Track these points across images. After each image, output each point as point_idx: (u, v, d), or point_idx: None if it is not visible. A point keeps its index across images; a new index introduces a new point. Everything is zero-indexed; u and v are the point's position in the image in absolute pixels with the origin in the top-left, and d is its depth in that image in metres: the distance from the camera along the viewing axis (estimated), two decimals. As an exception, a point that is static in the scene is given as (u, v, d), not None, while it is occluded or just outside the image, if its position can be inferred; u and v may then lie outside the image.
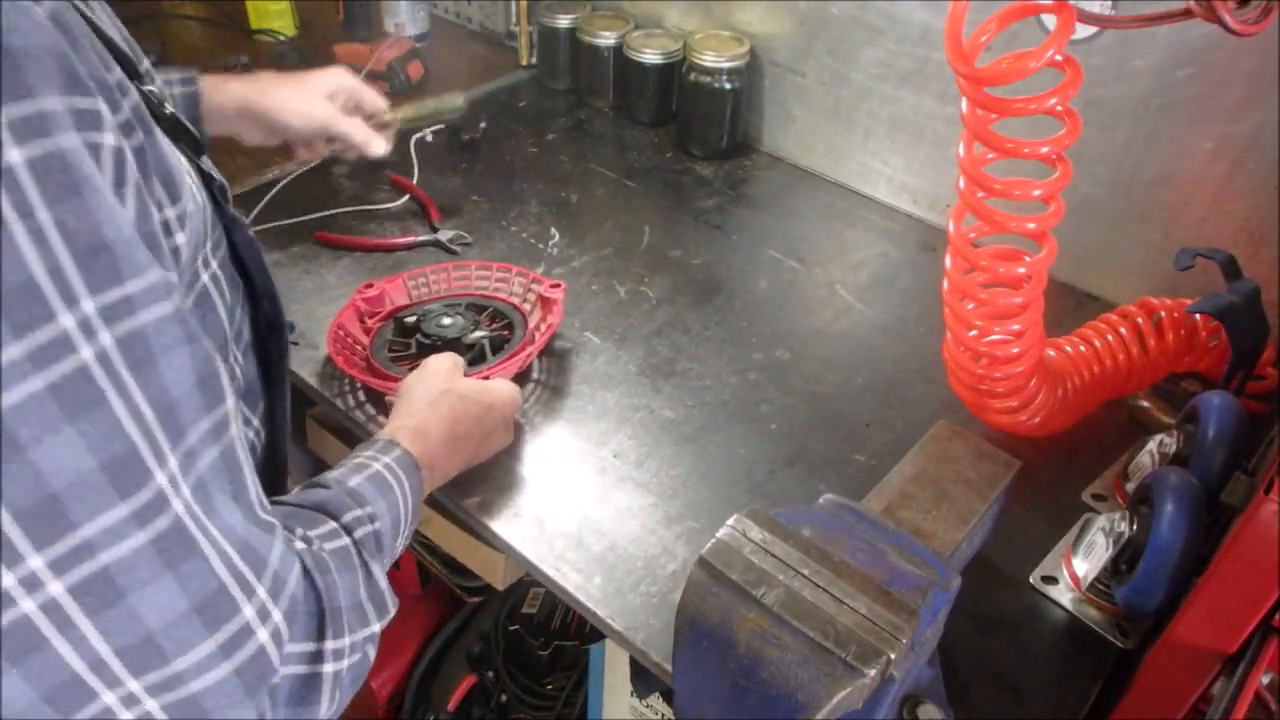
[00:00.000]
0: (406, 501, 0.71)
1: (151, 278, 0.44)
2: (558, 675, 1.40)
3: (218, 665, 0.47)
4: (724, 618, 0.63)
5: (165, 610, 0.45)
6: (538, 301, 1.08)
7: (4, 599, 0.42)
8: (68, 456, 0.41)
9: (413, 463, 0.75)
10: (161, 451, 0.45)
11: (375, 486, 0.69)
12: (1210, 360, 1.00)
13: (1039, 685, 0.79)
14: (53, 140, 0.40)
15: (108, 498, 0.42)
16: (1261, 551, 0.59)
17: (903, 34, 1.22)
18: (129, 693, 0.46)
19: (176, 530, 0.45)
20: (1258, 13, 0.59)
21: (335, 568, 0.58)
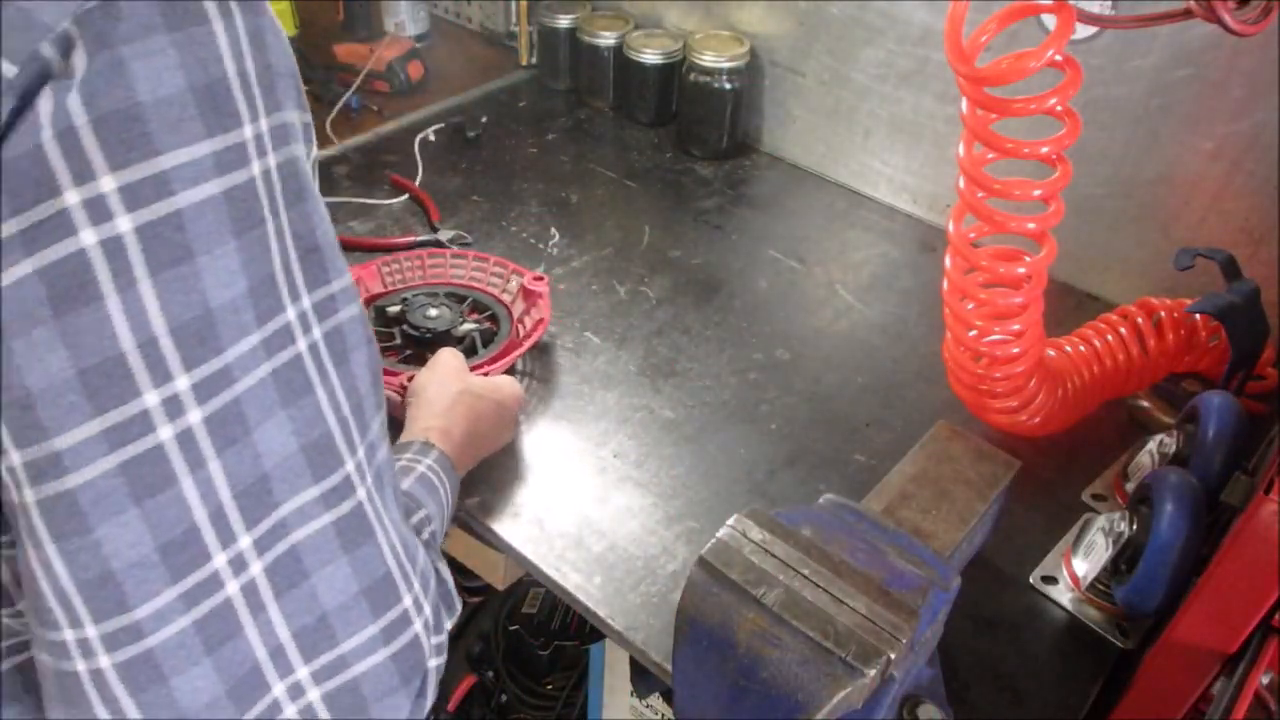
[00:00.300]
0: (449, 501, 0.74)
1: (346, 280, 0.48)
2: (558, 675, 1.40)
3: (379, 649, 0.49)
4: (724, 618, 0.63)
5: (340, 592, 0.47)
6: (519, 293, 1.08)
7: (214, 582, 0.43)
8: (278, 438, 0.44)
9: (450, 463, 0.77)
10: (352, 440, 0.47)
11: (424, 488, 0.71)
12: (1210, 360, 1.00)
13: (1039, 685, 0.79)
14: (290, 149, 0.44)
15: (304, 479, 0.45)
16: (1261, 551, 0.59)
17: (903, 34, 1.22)
18: (296, 681, 0.47)
19: (357, 515, 0.47)
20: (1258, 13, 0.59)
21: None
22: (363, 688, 0.49)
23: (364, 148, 1.40)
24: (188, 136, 0.39)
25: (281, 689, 0.46)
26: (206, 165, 0.39)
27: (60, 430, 0.39)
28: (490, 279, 1.11)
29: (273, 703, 0.46)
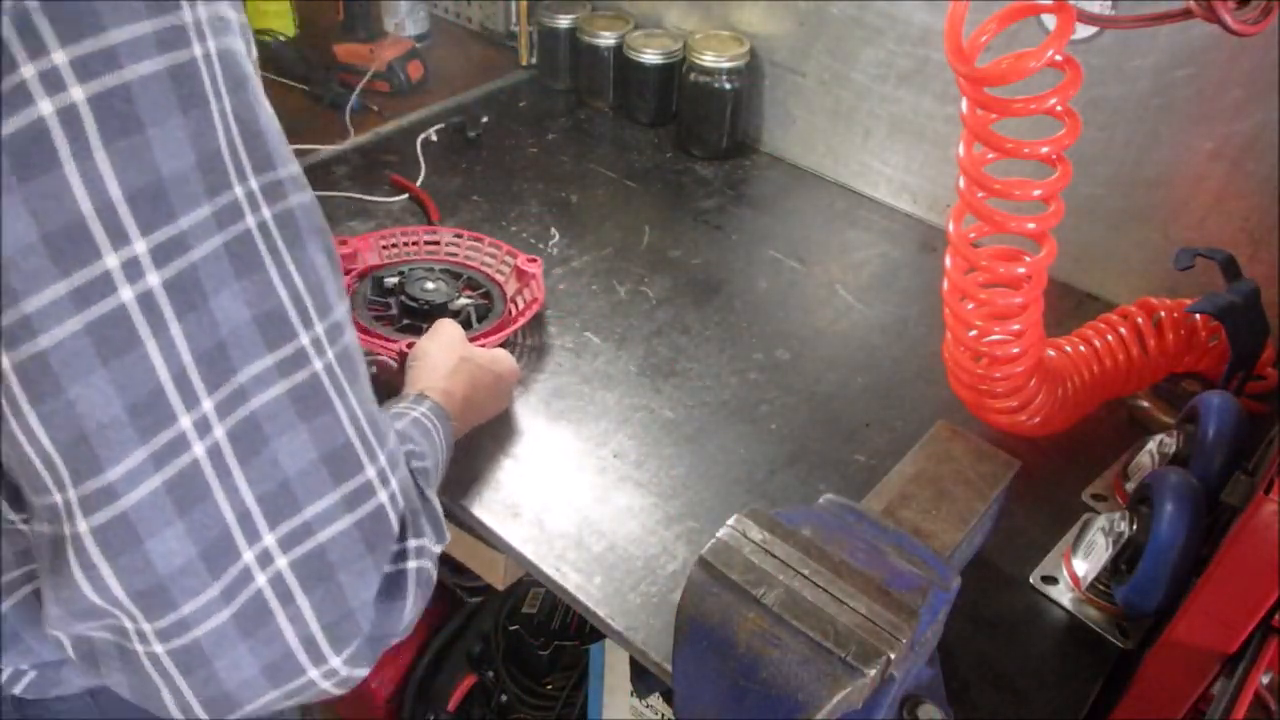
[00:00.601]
0: (444, 448, 0.76)
1: (294, 168, 0.50)
2: (558, 675, 1.40)
3: (342, 516, 0.51)
4: (724, 618, 0.63)
5: (299, 458, 0.49)
6: (513, 274, 1.10)
7: (181, 443, 0.45)
8: (233, 308, 0.46)
9: (445, 414, 0.79)
10: (308, 316, 0.49)
11: (418, 429, 0.73)
12: (1210, 360, 1.00)
13: (1039, 685, 0.79)
14: (227, 40, 0.46)
15: (258, 347, 0.47)
16: (1261, 551, 0.59)
17: (903, 34, 1.22)
18: (265, 549, 0.48)
19: (312, 385, 0.49)
20: (1258, 13, 0.59)
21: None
22: (329, 554, 0.51)
23: (364, 148, 1.40)
24: (130, 15, 0.41)
25: (251, 556, 0.48)
26: (149, 43, 0.42)
27: (29, 293, 0.41)
28: (484, 259, 1.13)
29: (244, 569, 0.48)
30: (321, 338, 0.50)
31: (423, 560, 0.58)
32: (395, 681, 1.55)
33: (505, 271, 1.11)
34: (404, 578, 0.56)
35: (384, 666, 1.54)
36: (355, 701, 1.60)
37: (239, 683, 0.49)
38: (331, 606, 0.51)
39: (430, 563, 0.61)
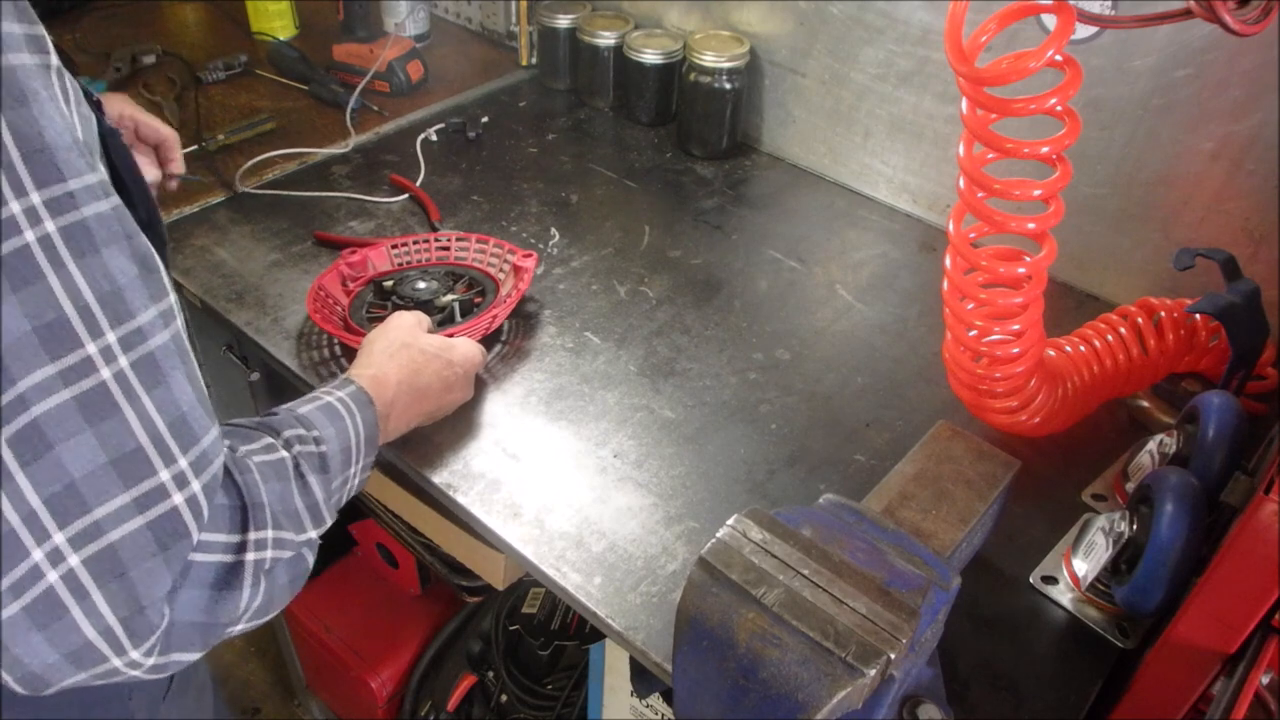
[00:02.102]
0: (358, 432, 0.77)
1: (90, 179, 0.51)
2: (558, 675, 1.41)
3: (132, 518, 0.53)
4: (724, 618, 0.63)
5: (86, 461, 0.51)
6: (511, 270, 1.11)
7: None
8: (11, 321, 0.48)
9: (366, 399, 0.80)
10: (97, 325, 0.51)
11: (324, 414, 0.75)
12: (1210, 360, 1.00)
13: (1039, 685, 0.79)
14: (8, 57, 0.47)
15: (39, 358, 0.49)
16: (1261, 551, 0.59)
17: (903, 34, 1.22)
18: (55, 547, 0.51)
19: (99, 393, 0.51)
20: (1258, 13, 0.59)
21: (263, 474, 0.64)
22: (120, 552, 0.53)
23: (364, 148, 1.40)
24: None
25: (40, 554, 0.51)
26: None
27: None
28: (489, 259, 1.15)
29: (33, 567, 0.51)
30: (113, 346, 0.52)
31: (265, 552, 0.61)
32: (395, 681, 1.55)
33: (506, 270, 1.13)
34: (241, 569, 0.60)
35: (384, 666, 1.54)
36: (355, 701, 1.60)
37: (43, 666, 0.53)
38: (125, 602, 0.53)
39: (285, 552, 0.64)
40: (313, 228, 1.23)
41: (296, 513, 0.67)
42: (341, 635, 1.56)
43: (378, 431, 0.81)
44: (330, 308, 1.07)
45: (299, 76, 1.53)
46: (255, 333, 1.07)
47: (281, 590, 0.65)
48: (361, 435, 0.78)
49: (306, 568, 0.68)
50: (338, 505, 0.75)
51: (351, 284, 1.11)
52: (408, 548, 1.45)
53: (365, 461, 0.78)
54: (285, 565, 0.65)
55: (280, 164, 1.34)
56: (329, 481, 0.72)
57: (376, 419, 0.81)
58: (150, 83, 1.51)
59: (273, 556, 0.63)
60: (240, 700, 1.98)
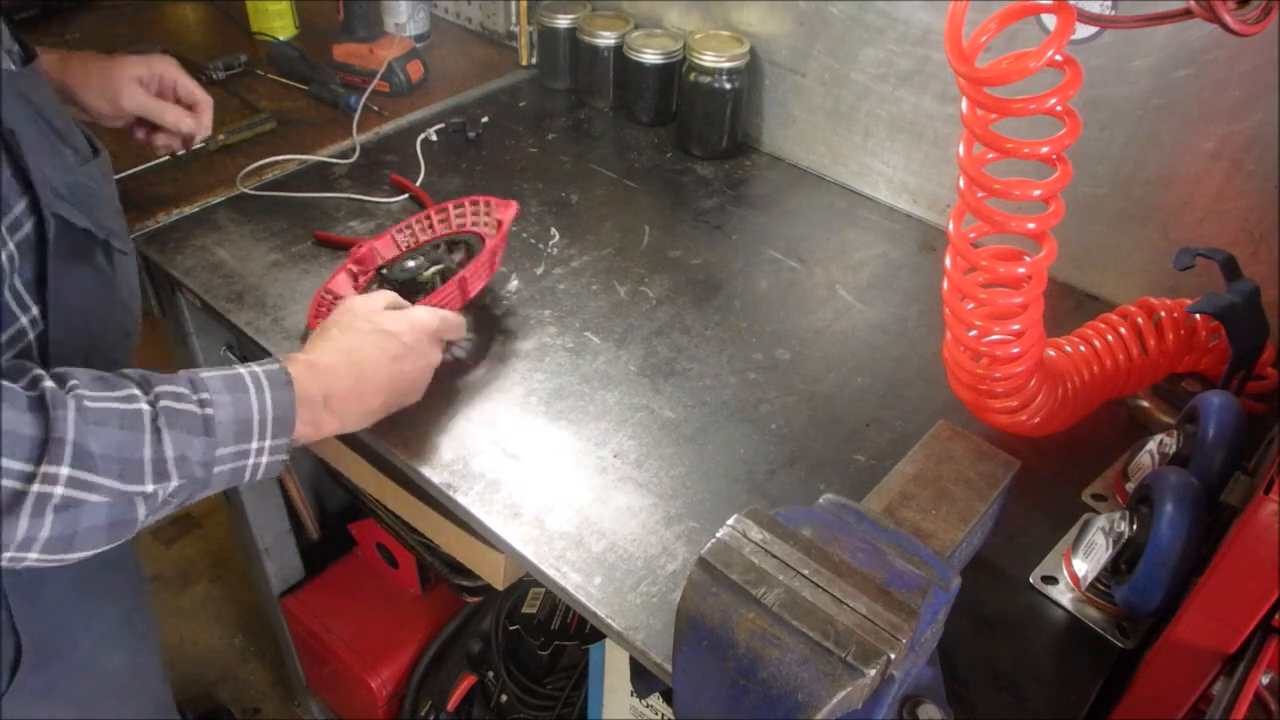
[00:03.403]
0: (264, 409, 0.77)
1: None
2: (558, 675, 1.41)
3: None
4: (724, 618, 0.63)
5: None
6: (499, 225, 1.10)
7: None
8: None
9: (284, 378, 0.80)
10: None
11: (225, 382, 0.76)
12: (1210, 360, 1.00)
13: (1039, 685, 0.79)
14: None
15: None
16: (1261, 551, 0.59)
17: (903, 34, 1.22)
18: None
19: None
20: (1258, 13, 0.59)
21: (97, 419, 0.67)
22: None
23: (364, 147, 1.40)
24: None
25: None
26: None
27: None
28: (482, 221, 1.14)
29: None
30: None
31: (55, 487, 0.65)
32: (395, 681, 1.55)
33: (495, 226, 1.11)
34: (23, 498, 0.64)
35: (384, 666, 1.54)
36: (355, 701, 1.60)
37: None
38: None
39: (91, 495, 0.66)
40: (312, 228, 1.23)
41: (138, 463, 0.68)
42: (341, 635, 1.56)
43: (293, 414, 0.79)
44: (330, 306, 1.05)
45: (299, 76, 1.53)
46: (255, 333, 1.07)
47: (91, 533, 0.68)
48: (269, 414, 0.77)
49: (135, 519, 0.70)
50: (227, 478, 0.76)
51: (361, 279, 1.11)
52: (408, 548, 1.45)
53: (274, 443, 0.78)
54: (97, 510, 0.67)
55: (280, 164, 1.34)
56: (210, 446, 0.73)
57: (293, 401, 0.79)
58: (150, 83, 1.51)
59: (66, 494, 0.65)
60: (240, 700, 1.98)
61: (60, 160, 0.82)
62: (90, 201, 0.85)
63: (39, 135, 0.79)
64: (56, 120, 0.83)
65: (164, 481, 0.71)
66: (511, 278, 1.18)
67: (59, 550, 0.67)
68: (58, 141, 0.82)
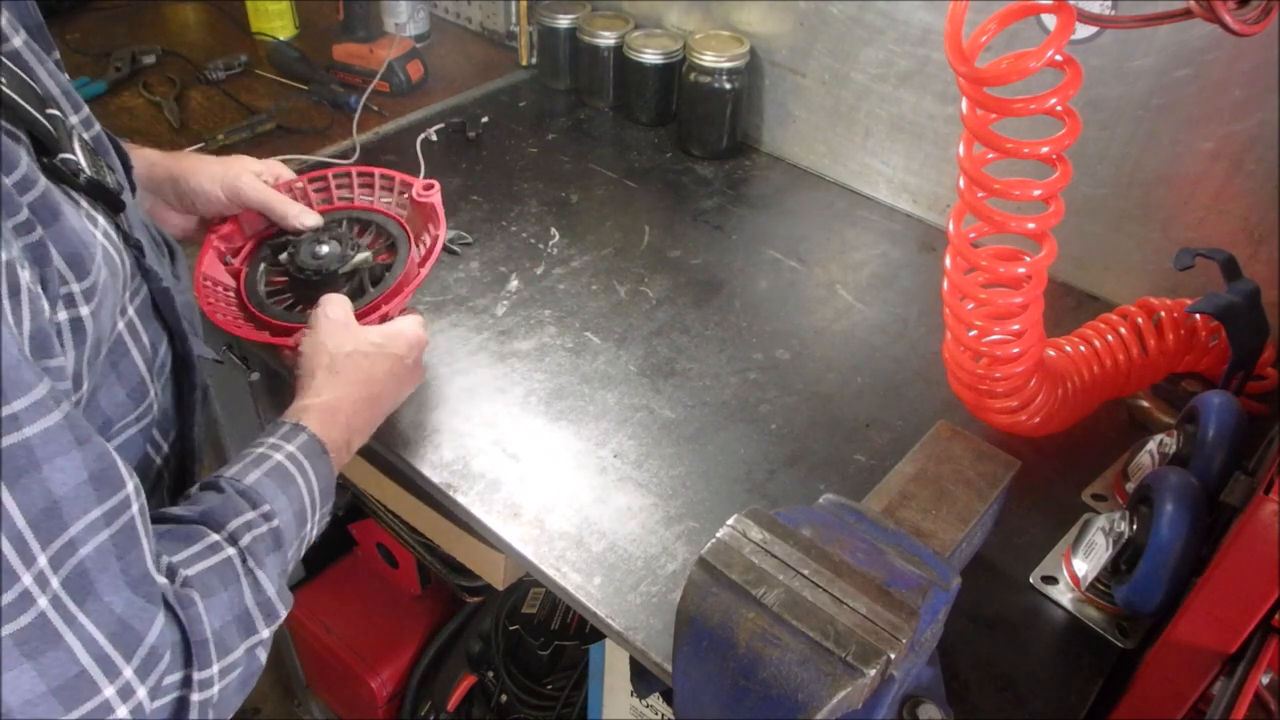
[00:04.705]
0: (312, 490, 0.72)
1: (38, 394, 0.49)
2: (558, 675, 1.41)
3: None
4: (724, 618, 0.63)
5: (25, 693, 0.49)
6: (415, 208, 0.99)
7: None
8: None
9: (319, 448, 0.75)
10: (29, 554, 0.48)
11: (275, 481, 0.70)
12: (1210, 360, 1.00)
13: (1039, 685, 0.79)
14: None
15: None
16: (1261, 551, 0.59)
17: (903, 34, 1.22)
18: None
19: (39, 625, 0.49)
20: (1258, 13, 0.59)
21: (206, 590, 0.60)
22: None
23: (364, 147, 1.40)
24: None
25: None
26: None
27: None
28: (384, 198, 1.00)
29: None
30: (45, 570, 0.49)
31: (211, 690, 0.59)
32: (395, 681, 1.55)
33: (409, 208, 0.99)
34: (185, 707, 0.58)
35: (384, 666, 1.54)
36: (355, 701, 1.60)
37: None
38: None
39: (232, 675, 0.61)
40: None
41: (247, 614, 0.63)
42: (341, 635, 1.56)
43: (333, 481, 0.76)
44: (227, 300, 0.94)
45: (299, 76, 1.53)
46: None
47: (229, 702, 0.62)
48: (316, 491, 0.73)
49: (260, 666, 0.65)
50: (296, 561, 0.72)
51: (234, 260, 0.97)
52: (408, 548, 1.45)
53: (322, 513, 0.74)
54: (235, 681, 0.62)
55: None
56: (283, 556, 0.68)
57: (331, 468, 0.75)
58: (150, 83, 1.51)
59: (220, 689, 0.60)
60: (240, 700, 1.97)
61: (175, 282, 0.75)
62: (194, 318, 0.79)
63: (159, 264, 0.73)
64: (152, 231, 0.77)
65: (274, 621, 0.65)
66: (511, 278, 1.18)
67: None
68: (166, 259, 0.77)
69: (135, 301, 0.68)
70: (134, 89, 1.49)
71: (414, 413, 0.98)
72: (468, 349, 1.07)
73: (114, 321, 0.64)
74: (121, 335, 0.66)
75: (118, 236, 0.65)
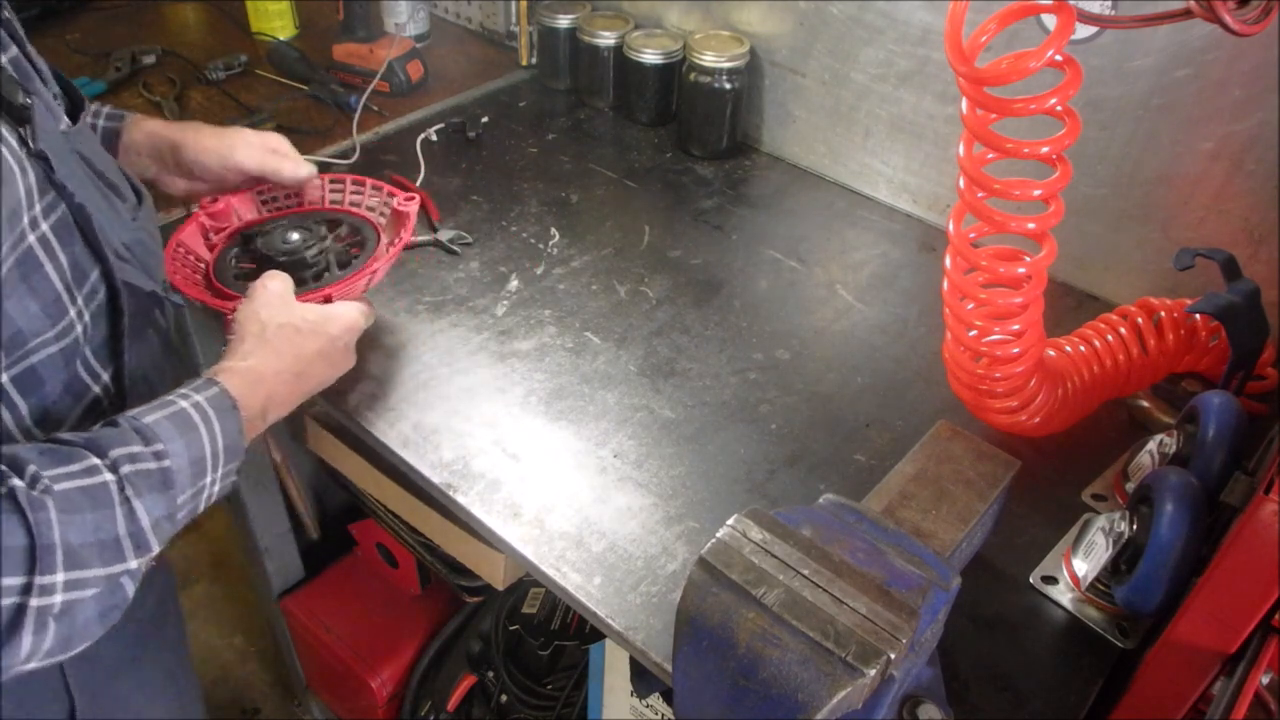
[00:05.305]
0: (215, 442, 0.72)
1: None
2: (558, 675, 1.41)
3: None
4: (724, 618, 0.63)
5: None
6: (393, 217, 1.03)
7: None
8: None
9: (229, 403, 0.74)
10: None
11: (175, 425, 0.70)
12: (1210, 360, 1.00)
13: (1039, 685, 0.79)
14: None
15: None
16: (1261, 551, 0.59)
17: (903, 34, 1.22)
18: None
19: None
20: (1258, 13, 0.59)
21: (69, 505, 0.61)
22: None
23: (364, 147, 1.40)
24: None
25: None
26: None
27: None
28: (367, 203, 1.05)
29: None
30: None
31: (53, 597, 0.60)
32: (395, 681, 1.55)
33: (388, 216, 1.04)
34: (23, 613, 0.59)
35: (384, 666, 1.54)
36: (355, 701, 1.60)
37: None
38: None
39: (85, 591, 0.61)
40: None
41: (116, 541, 0.64)
42: (341, 635, 1.56)
43: (242, 439, 0.75)
44: (193, 267, 0.97)
45: (299, 76, 1.53)
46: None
47: (86, 628, 0.63)
48: (220, 445, 0.72)
49: (125, 598, 0.66)
50: (186, 520, 0.72)
51: (215, 236, 1.00)
52: (408, 548, 1.45)
53: (225, 469, 0.74)
54: (89, 604, 0.63)
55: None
56: (172, 499, 0.68)
57: (241, 425, 0.75)
58: (150, 83, 1.51)
59: (65, 599, 0.60)
60: (240, 700, 1.98)
61: (117, 216, 0.78)
62: (147, 258, 0.81)
63: (97, 194, 0.76)
64: (109, 173, 0.80)
65: (145, 553, 0.66)
66: (511, 278, 1.18)
67: (57, 654, 0.63)
68: (112, 196, 0.79)
69: (50, 218, 0.69)
70: (134, 89, 1.49)
71: (414, 412, 0.98)
72: (468, 349, 1.07)
73: (19, 231, 0.65)
74: (33, 248, 0.67)
75: (20, 148, 0.66)
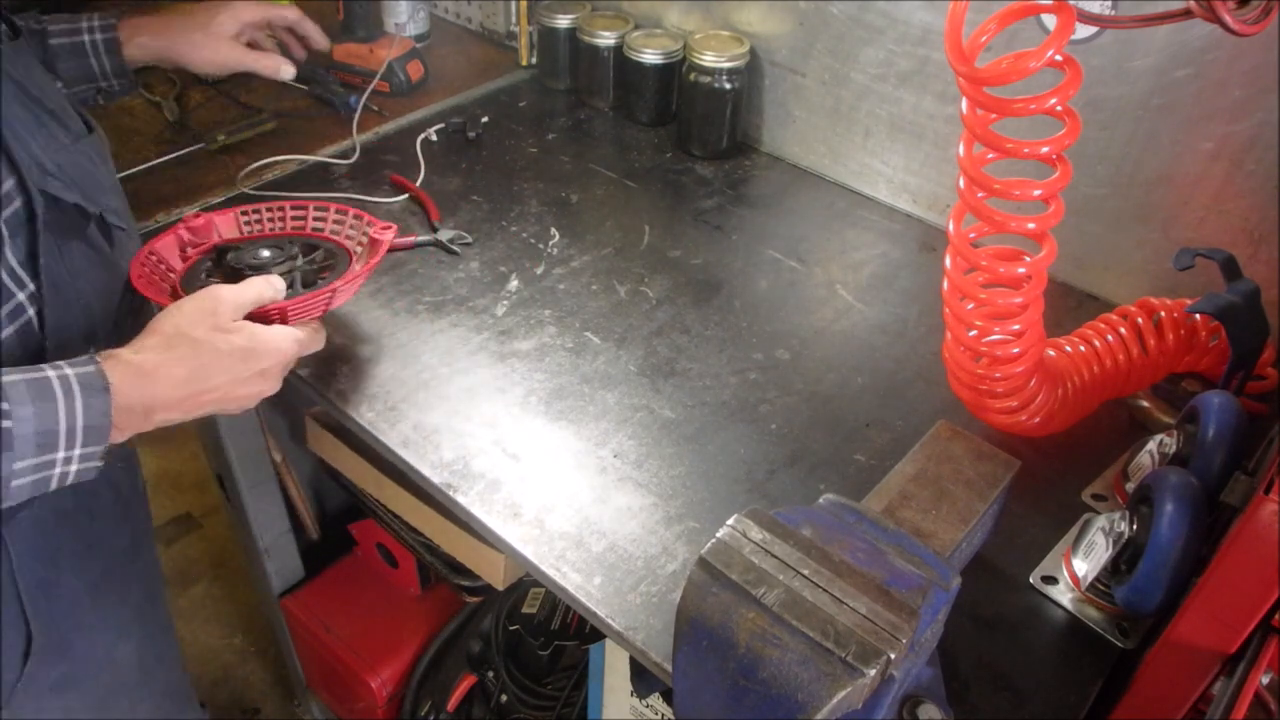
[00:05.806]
0: (74, 418, 0.70)
1: None
2: (558, 675, 1.41)
3: None
4: (724, 618, 0.63)
5: None
6: (369, 245, 1.02)
7: None
8: None
9: (101, 384, 0.73)
10: None
11: (30, 388, 0.69)
12: (1210, 360, 1.00)
13: (1039, 685, 0.79)
14: None
15: None
16: (1261, 551, 0.59)
17: (903, 34, 1.22)
18: None
19: None
20: (1258, 13, 0.59)
21: None
22: None
23: (364, 147, 1.40)
24: None
25: None
26: None
27: None
28: (348, 232, 1.05)
29: None
30: None
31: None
32: (395, 681, 1.55)
33: (365, 244, 1.03)
34: None
35: (384, 666, 1.54)
36: (355, 701, 1.60)
37: None
38: None
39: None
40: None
41: None
42: (341, 635, 1.56)
43: (107, 423, 0.73)
44: (162, 275, 0.96)
45: (299, 76, 1.52)
46: (255, 333, 1.07)
47: None
48: (79, 422, 0.70)
49: None
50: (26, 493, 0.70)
51: (191, 250, 1.00)
52: (408, 548, 1.45)
53: (85, 451, 0.72)
54: None
55: (280, 164, 1.34)
56: (9, 460, 0.67)
57: (108, 409, 0.73)
58: (150, 83, 1.51)
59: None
60: (240, 700, 1.98)
61: (50, 138, 0.81)
62: (84, 180, 0.83)
63: (26, 113, 0.79)
64: (48, 100, 0.83)
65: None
66: (511, 278, 1.18)
67: None
68: (49, 120, 0.82)
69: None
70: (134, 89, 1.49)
71: (414, 412, 0.98)
72: (468, 349, 1.07)
73: None
74: None
75: None
